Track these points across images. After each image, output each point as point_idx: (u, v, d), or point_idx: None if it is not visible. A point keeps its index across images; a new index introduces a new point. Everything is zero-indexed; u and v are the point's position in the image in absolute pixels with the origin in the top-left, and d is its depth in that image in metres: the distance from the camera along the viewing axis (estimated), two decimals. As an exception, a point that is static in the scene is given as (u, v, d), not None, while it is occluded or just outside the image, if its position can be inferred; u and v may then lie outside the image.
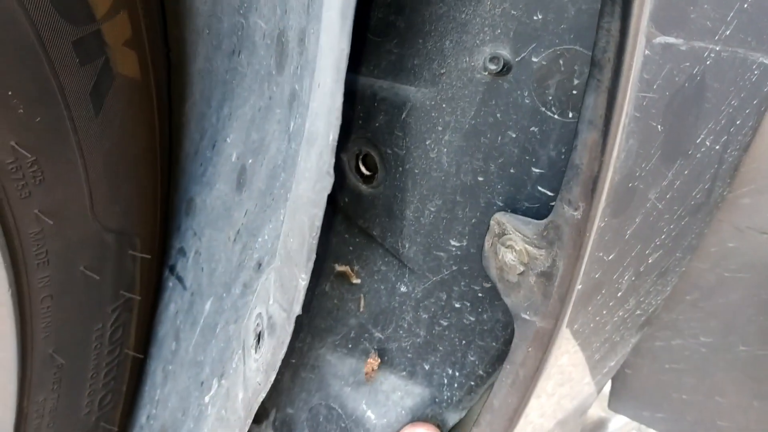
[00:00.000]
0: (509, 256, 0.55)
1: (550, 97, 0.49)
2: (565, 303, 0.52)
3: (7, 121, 0.48)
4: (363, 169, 0.61)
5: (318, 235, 0.46)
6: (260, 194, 0.61)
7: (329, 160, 0.44)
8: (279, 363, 0.51)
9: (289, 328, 0.49)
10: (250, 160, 0.62)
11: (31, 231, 0.54)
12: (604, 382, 0.78)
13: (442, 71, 0.53)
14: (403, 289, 0.64)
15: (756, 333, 0.71)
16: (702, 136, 0.52)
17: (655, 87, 0.44)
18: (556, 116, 0.50)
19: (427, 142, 0.55)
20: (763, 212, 0.65)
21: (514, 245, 0.54)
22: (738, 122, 0.54)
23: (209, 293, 0.65)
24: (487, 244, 0.57)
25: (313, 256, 0.47)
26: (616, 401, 0.84)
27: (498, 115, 0.53)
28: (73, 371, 0.64)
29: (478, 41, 0.51)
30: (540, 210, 0.53)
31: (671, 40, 0.42)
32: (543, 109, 0.50)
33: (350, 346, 0.68)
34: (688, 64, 0.45)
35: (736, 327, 0.72)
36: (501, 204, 0.56)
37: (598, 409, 1.07)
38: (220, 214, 0.65)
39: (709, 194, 0.58)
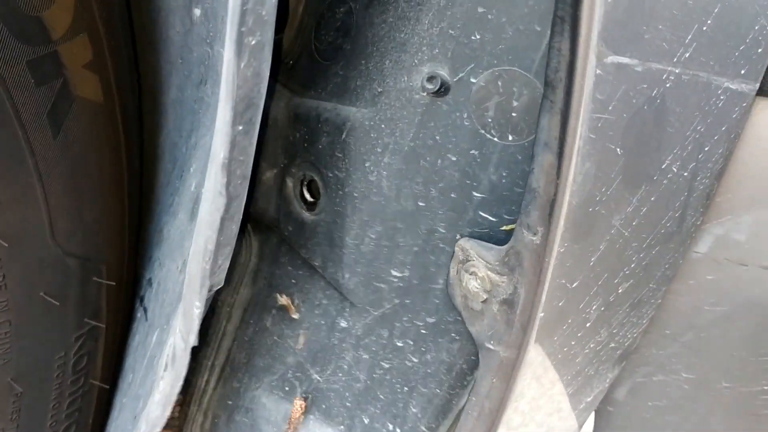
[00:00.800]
0: (473, 283, 0.53)
1: (490, 119, 0.49)
2: (527, 332, 0.50)
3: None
4: (307, 195, 0.60)
5: (210, 260, 0.45)
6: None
7: (221, 180, 0.42)
8: (175, 396, 0.49)
9: (185, 360, 0.47)
10: (202, 189, 0.62)
11: (-14, 253, 0.53)
12: (583, 418, 0.75)
13: (380, 90, 0.52)
14: (344, 324, 0.62)
15: (739, 369, 0.69)
16: (667, 162, 0.51)
17: (610, 108, 0.43)
18: (495, 139, 0.49)
19: (367, 164, 0.54)
20: (741, 244, 0.64)
21: (477, 272, 0.53)
22: (706, 149, 0.53)
23: (157, 324, 0.64)
24: (452, 272, 0.56)
25: (207, 283, 0.45)
26: (599, 440, 0.82)
27: (437, 137, 0.52)
28: (34, 400, 0.63)
29: (416, 61, 0.51)
30: (487, 236, 0.52)
31: (624, 60, 0.42)
32: (482, 131, 0.49)
33: (286, 388, 0.66)
34: (645, 85, 0.44)
35: (718, 363, 0.70)
36: (443, 231, 0.55)
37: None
38: (177, 244, 0.65)
39: (680, 223, 0.57)
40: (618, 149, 0.45)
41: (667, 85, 0.46)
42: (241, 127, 0.42)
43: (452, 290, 0.56)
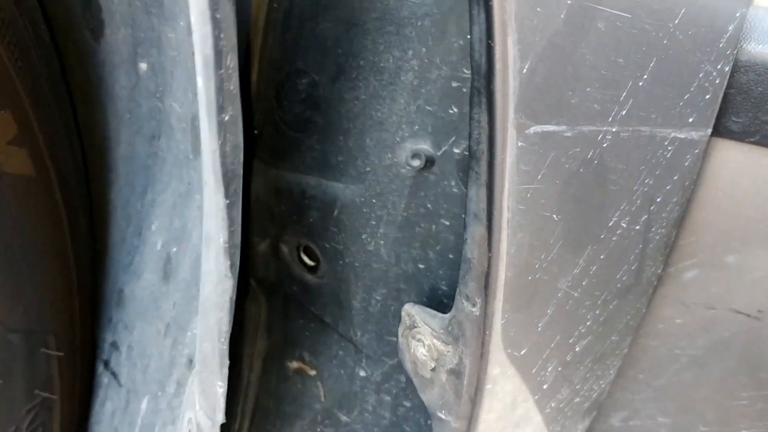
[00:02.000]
0: (420, 351, 0.51)
1: None
2: (476, 403, 0.48)
3: None
4: (306, 259, 0.59)
5: (227, 339, 0.44)
6: (186, 285, 0.58)
7: (225, 263, 0.41)
8: None
9: None
10: (174, 249, 0.60)
11: None
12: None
13: (367, 169, 0.51)
14: (362, 373, 0.62)
15: (715, 413, 0.67)
16: (614, 219, 0.48)
17: (539, 177, 0.41)
18: None
19: (363, 236, 0.53)
20: (708, 287, 0.61)
21: (423, 339, 0.51)
22: (659, 199, 0.51)
23: (144, 391, 0.62)
24: (400, 337, 0.54)
25: (226, 362, 0.44)
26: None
27: (429, 205, 0.52)
28: (-13, 479, 0.61)
29: (398, 138, 0.50)
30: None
31: (550, 128, 0.39)
32: None
33: (318, 430, 0.66)
34: (578, 149, 0.42)
35: (693, 406, 0.68)
36: (445, 288, 0.54)
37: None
38: (149, 305, 0.63)
39: (638, 274, 0.54)
40: (554, 215, 0.43)
41: (604, 145, 0.44)
42: (227, 201, 0.40)
43: (402, 356, 0.54)
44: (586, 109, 0.41)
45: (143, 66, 0.62)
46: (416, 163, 0.50)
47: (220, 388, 0.47)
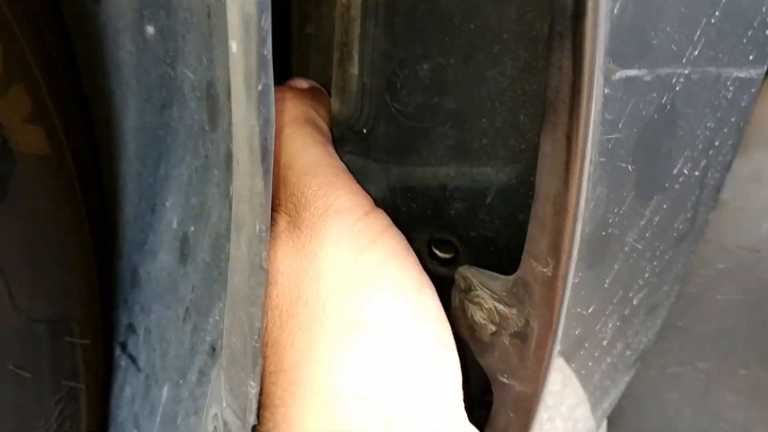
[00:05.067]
0: (479, 315, 0.49)
1: None
2: (543, 365, 0.46)
3: None
4: (439, 253, 0.54)
5: (260, 336, 0.40)
6: (206, 267, 0.54)
7: (260, 253, 0.38)
8: None
9: None
10: (192, 228, 0.56)
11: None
12: (601, 421, 0.72)
13: (522, 147, 0.46)
14: None
15: (757, 355, 0.66)
16: (678, 166, 0.46)
17: (620, 126, 0.38)
18: None
19: (520, 217, 0.48)
20: (752, 230, 0.60)
21: (482, 303, 0.49)
22: (717, 143, 0.49)
23: (164, 378, 0.59)
24: (454, 301, 0.51)
25: (260, 361, 0.41)
26: (614, 433, 0.79)
27: None
28: (18, 474, 0.58)
29: None
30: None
31: (633, 72, 0.37)
32: None
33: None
34: (655, 94, 0.40)
35: (734, 351, 0.67)
36: None
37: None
38: (166, 288, 0.59)
39: (692, 222, 0.53)
40: (630, 166, 0.41)
41: (677, 89, 0.41)
42: (264, 183, 0.36)
43: (456, 321, 0.52)
44: (665, 51, 0.38)
45: (150, 30, 0.58)
46: None
47: (253, 389, 0.43)
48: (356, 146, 0.52)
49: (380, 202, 0.53)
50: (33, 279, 0.52)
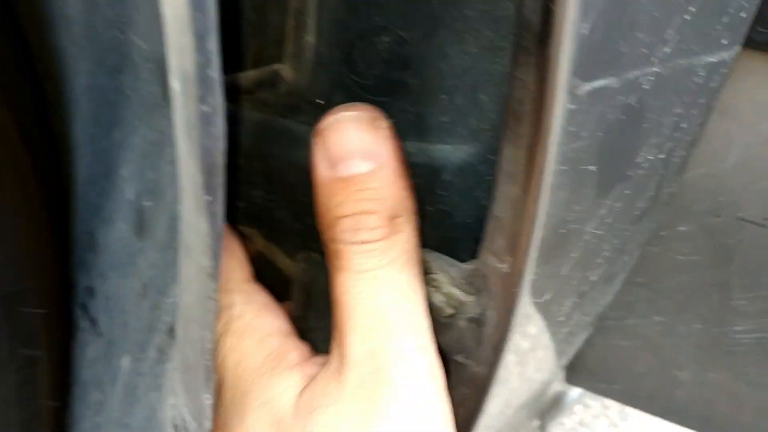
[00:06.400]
0: (437, 297, 0.49)
1: None
2: (498, 351, 0.47)
3: None
4: None
5: (212, 357, 0.40)
6: (163, 246, 0.53)
7: (210, 285, 0.36)
8: None
9: None
10: (149, 203, 0.54)
11: None
12: (560, 372, 0.75)
13: (483, 127, 0.44)
14: None
15: (712, 311, 0.68)
16: (642, 155, 0.45)
17: (584, 134, 0.37)
18: None
19: (477, 193, 0.47)
20: (716, 195, 0.60)
21: (440, 286, 0.48)
22: (683, 125, 0.48)
23: (124, 348, 0.58)
24: (412, 279, 0.51)
25: (212, 377, 0.41)
26: (572, 375, 0.82)
27: None
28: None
29: None
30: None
31: (601, 83, 0.35)
32: None
33: None
34: (622, 97, 0.38)
35: (690, 306, 0.69)
36: None
37: (555, 383, 1.05)
38: (124, 259, 0.57)
39: (654, 199, 0.52)
40: (592, 167, 0.40)
41: (646, 87, 0.40)
42: (209, 197, 0.34)
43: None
44: (634, 55, 0.37)
45: (98, -10, 0.54)
46: None
47: (208, 400, 0.44)
48: (312, 117, 0.51)
49: None
50: (-20, 253, 0.51)
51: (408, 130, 0.47)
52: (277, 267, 0.61)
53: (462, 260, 0.49)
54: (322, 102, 0.49)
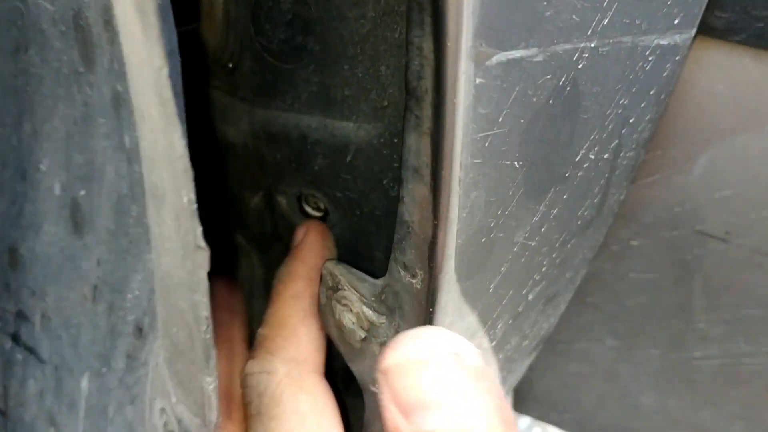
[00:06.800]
0: (347, 318, 0.42)
1: None
2: (417, 381, 0.40)
3: None
4: (309, 210, 0.48)
5: (209, 327, 0.32)
6: (111, 236, 0.45)
7: (194, 230, 0.29)
8: None
9: None
10: (82, 192, 0.47)
11: None
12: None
13: (384, 104, 0.40)
14: None
15: (671, 335, 0.61)
16: (583, 152, 0.39)
17: (500, 120, 0.30)
18: None
19: (384, 182, 0.42)
20: (672, 206, 0.54)
21: (350, 305, 0.41)
22: (632, 120, 0.41)
23: (80, 368, 0.51)
24: (322, 297, 0.44)
25: (213, 353, 0.33)
26: (520, 403, 0.75)
27: None
28: None
29: None
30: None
31: (518, 53, 0.29)
32: None
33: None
34: (549, 76, 0.31)
35: (645, 329, 0.62)
36: None
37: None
38: (62, 265, 0.50)
39: (600, 206, 0.46)
40: (516, 162, 0.33)
41: (580, 66, 0.33)
42: (182, 141, 0.28)
43: (324, 318, 0.44)
44: (563, 23, 0.30)
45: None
46: None
47: (210, 384, 0.36)
48: (223, 81, 0.47)
49: (244, 148, 0.47)
50: None
51: (312, 102, 0.42)
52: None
53: (375, 267, 0.43)
54: (231, 66, 0.45)
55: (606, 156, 0.41)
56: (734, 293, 0.55)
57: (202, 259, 0.31)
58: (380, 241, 0.44)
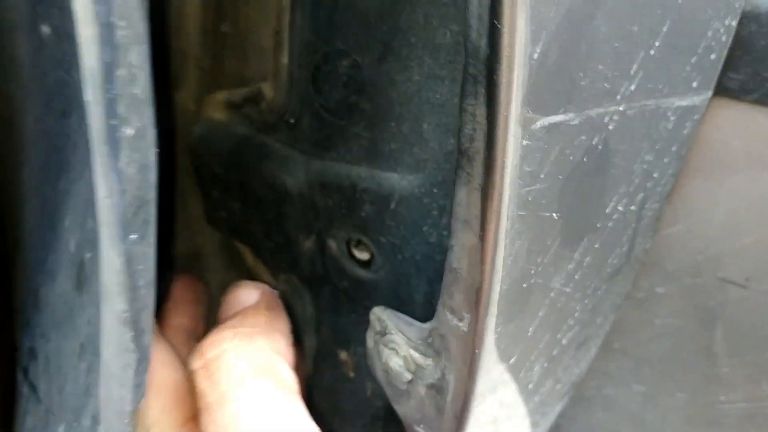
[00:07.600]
0: (394, 360, 0.45)
1: None
2: (461, 420, 0.42)
3: None
4: (357, 254, 0.51)
5: (132, 420, 0.36)
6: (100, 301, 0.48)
7: (126, 333, 0.32)
8: None
9: None
10: (89, 254, 0.50)
11: None
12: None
13: (425, 157, 0.44)
14: None
15: (694, 379, 0.63)
16: (612, 204, 0.42)
17: (542, 176, 0.34)
18: None
19: (424, 228, 0.46)
20: (694, 254, 0.56)
21: (397, 349, 0.44)
22: (656, 175, 0.45)
23: (60, 416, 0.54)
24: (369, 342, 0.47)
25: None
26: (549, 450, 0.76)
27: None
28: None
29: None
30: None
31: (558, 118, 0.32)
32: None
33: (381, 426, 0.60)
34: (584, 137, 0.35)
35: (672, 375, 0.64)
36: None
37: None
38: (64, 316, 0.53)
39: (628, 254, 0.49)
40: (554, 214, 0.36)
41: (611, 128, 0.37)
42: (135, 236, 0.31)
43: (371, 362, 0.47)
44: (596, 91, 0.34)
45: (45, 30, 0.51)
46: None
47: None
48: (285, 136, 0.51)
49: (299, 195, 0.51)
50: None
51: (361, 155, 0.47)
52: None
53: (416, 309, 0.46)
54: (293, 121, 0.50)
55: (633, 207, 0.45)
56: (756, 338, 0.58)
57: (131, 360, 0.35)
58: (420, 285, 0.47)
